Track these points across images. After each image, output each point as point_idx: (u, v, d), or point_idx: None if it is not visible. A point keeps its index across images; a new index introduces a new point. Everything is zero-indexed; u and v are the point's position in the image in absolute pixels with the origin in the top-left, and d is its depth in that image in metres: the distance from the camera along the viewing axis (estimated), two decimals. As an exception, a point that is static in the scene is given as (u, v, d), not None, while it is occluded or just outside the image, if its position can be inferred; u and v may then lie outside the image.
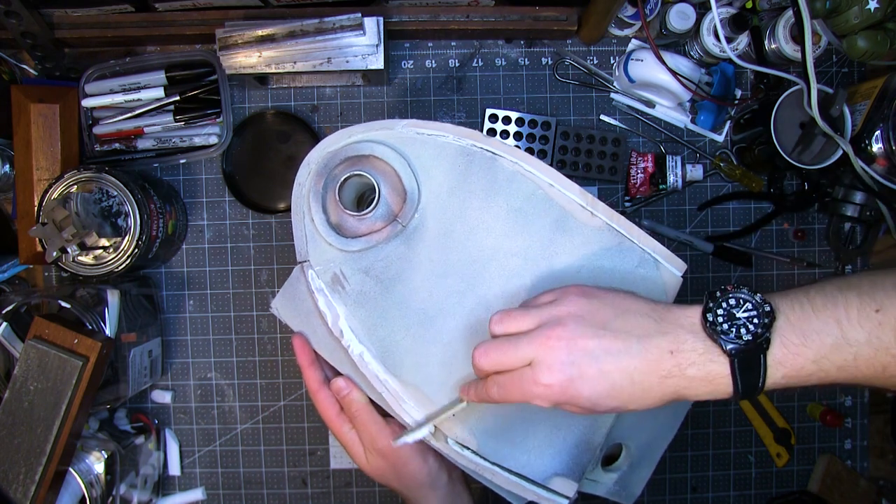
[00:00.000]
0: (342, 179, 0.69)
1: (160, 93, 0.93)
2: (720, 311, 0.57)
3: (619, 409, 0.59)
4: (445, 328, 0.70)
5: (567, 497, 0.69)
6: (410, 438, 0.68)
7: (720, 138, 0.98)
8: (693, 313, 0.58)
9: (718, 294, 0.58)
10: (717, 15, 0.88)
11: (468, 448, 0.69)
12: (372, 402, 0.72)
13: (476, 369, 0.62)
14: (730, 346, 0.55)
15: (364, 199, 0.76)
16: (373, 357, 0.70)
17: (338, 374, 0.72)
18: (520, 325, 0.60)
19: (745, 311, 0.56)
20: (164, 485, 0.98)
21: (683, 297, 0.94)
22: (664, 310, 0.59)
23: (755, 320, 0.56)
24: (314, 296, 0.71)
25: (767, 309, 0.56)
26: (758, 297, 0.57)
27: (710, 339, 0.56)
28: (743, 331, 0.55)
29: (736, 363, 0.56)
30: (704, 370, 0.56)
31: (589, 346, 0.57)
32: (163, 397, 0.98)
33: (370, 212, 0.69)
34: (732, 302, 0.57)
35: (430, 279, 0.70)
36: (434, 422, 0.68)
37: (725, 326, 0.56)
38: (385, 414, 0.72)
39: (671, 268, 0.71)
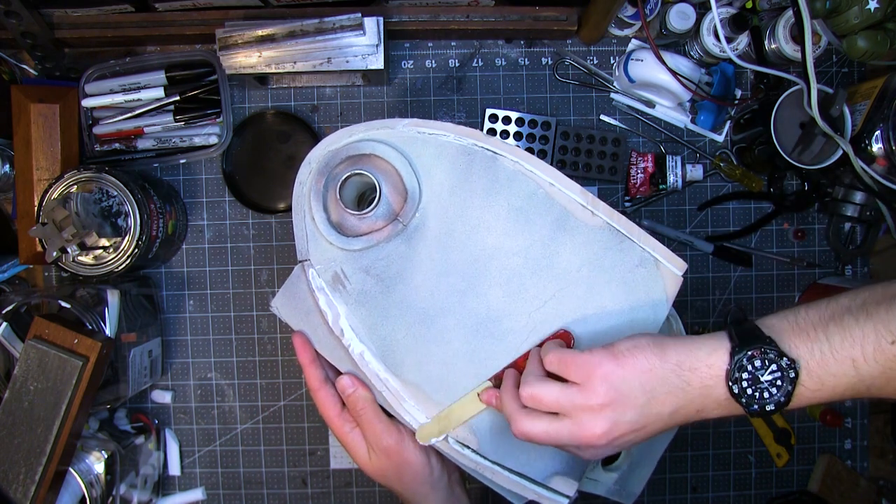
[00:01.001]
0: (343, 178, 0.69)
1: (160, 93, 0.93)
2: (745, 376, 0.57)
3: None
4: (446, 327, 0.70)
5: (567, 496, 0.69)
6: (437, 437, 0.70)
7: (720, 138, 0.98)
8: (718, 371, 0.58)
9: (745, 360, 0.57)
10: (717, 15, 0.88)
11: (468, 447, 0.69)
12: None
13: (516, 427, 0.63)
14: (751, 411, 0.58)
15: (365, 198, 0.76)
16: (373, 356, 0.70)
17: (338, 373, 0.72)
18: (546, 407, 0.61)
19: (769, 374, 0.57)
20: (164, 485, 0.98)
21: (683, 296, 0.94)
22: (690, 371, 0.59)
23: (779, 383, 0.57)
24: (315, 295, 0.71)
25: (792, 375, 0.57)
26: (784, 361, 0.57)
27: (734, 401, 0.58)
28: (766, 395, 0.57)
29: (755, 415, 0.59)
30: (724, 415, 0.60)
31: (627, 437, 0.60)
32: (163, 397, 0.98)
33: (371, 211, 0.69)
34: (758, 364, 0.57)
35: (430, 278, 0.70)
36: (455, 423, 0.69)
37: (749, 392, 0.57)
38: (387, 413, 0.72)
39: (671, 267, 0.71)
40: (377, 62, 0.87)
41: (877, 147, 0.85)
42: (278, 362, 0.99)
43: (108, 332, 0.83)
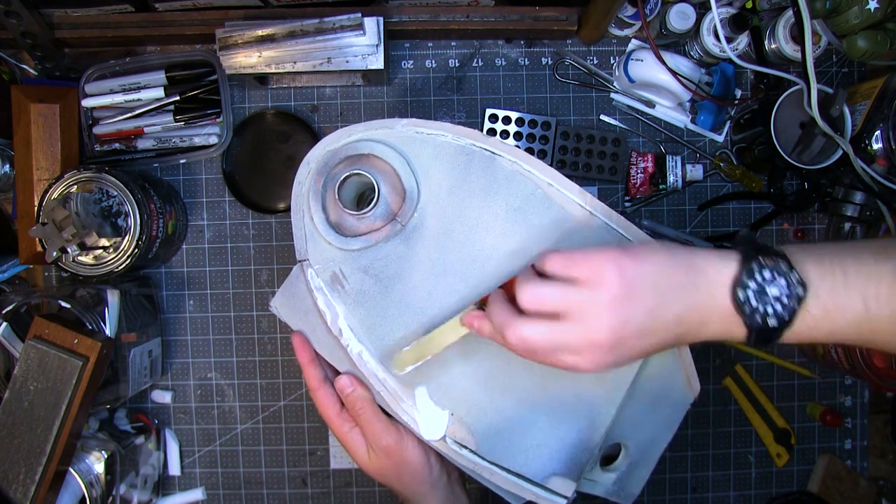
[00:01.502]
0: (342, 178, 0.69)
1: (160, 93, 0.93)
2: (752, 286, 0.55)
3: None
4: None
5: (565, 497, 0.69)
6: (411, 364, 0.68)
7: (720, 138, 0.98)
8: (726, 278, 0.56)
9: (755, 265, 0.56)
10: (717, 15, 0.88)
11: (466, 447, 0.69)
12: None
13: (508, 338, 0.59)
14: (753, 326, 0.56)
15: (364, 198, 0.76)
16: (371, 356, 0.70)
17: (337, 373, 0.72)
18: (552, 308, 0.58)
19: (777, 288, 0.55)
20: (164, 485, 0.98)
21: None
22: (699, 274, 0.57)
23: (784, 300, 0.55)
24: (313, 294, 0.71)
25: (799, 293, 0.55)
26: (794, 275, 0.55)
27: (736, 312, 0.56)
28: (769, 310, 0.55)
29: (753, 334, 0.56)
30: (724, 335, 0.58)
31: (632, 341, 0.57)
32: (163, 397, 0.98)
33: (369, 211, 0.69)
34: (767, 275, 0.55)
35: (429, 278, 0.70)
36: (439, 349, 0.68)
37: (753, 304, 0.55)
38: (386, 413, 0.72)
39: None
40: (377, 62, 0.87)
41: (877, 147, 0.85)
42: (278, 362, 0.99)
43: (108, 332, 0.83)
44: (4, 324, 0.83)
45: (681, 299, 0.56)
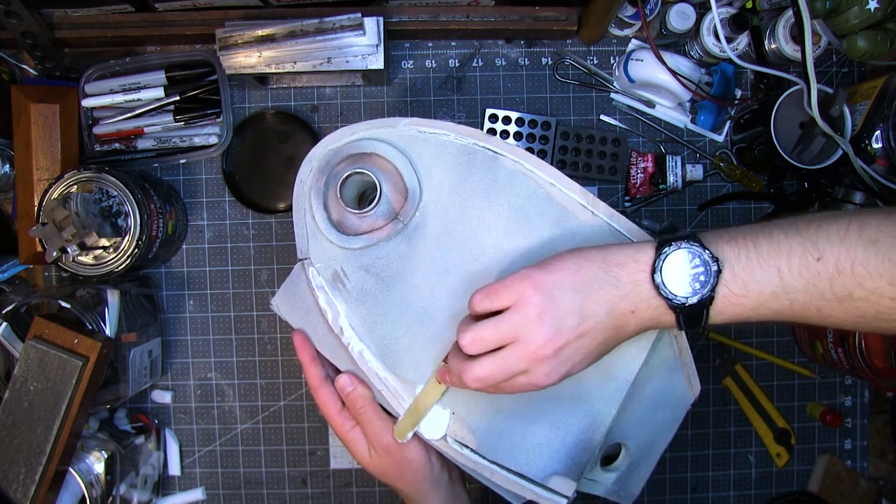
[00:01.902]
0: (344, 177, 0.69)
1: (160, 93, 0.93)
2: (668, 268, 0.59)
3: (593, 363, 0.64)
4: (446, 327, 0.70)
5: (566, 496, 0.69)
6: (410, 430, 0.70)
7: (720, 138, 0.98)
8: (644, 266, 0.60)
9: (668, 248, 0.59)
10: (717, 15, 0.88)
11: (467, 447, 0.69)
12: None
13: (467, 383, 0.63)
14: (676, 306, 0.59)
15: (365, 196, 0.76)
16: (372, 355, 0.70)
17: (338, 371, 0.72)
18: (495, 344, 0.61)
19: (693, 268, 0.58)
20: (164, 485, 0.98)
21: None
22: (617, 267, 0.60)
23: (702, 278, 0.58)
24: (315, 293, 0.71)
25: (715, 268, 0.58)
26: (707, 253, 0.58)
27: (659, 296, 0.59)
28: (689, 290, 0.58)
29: (681, 316, 0.60)
30: (657, 321, 0.61)
31: (572, 345, 0.60)
32: (163, 397, 0.98)
33: (371, 209, 0.69)
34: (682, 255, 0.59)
35: (430, 277, 0.70)
36: (427, 410, 0.69)
37: (673, 286, 0.59)
38: (387, 411, 0.72)
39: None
40: (377, 62, 0.87)
41: (877, 147, 0.85)
42: (278, 362, 0.99)
43: (108, 332, 0.83)
44: (4, 324, 0.83)
45: (604, 293, 0.60)
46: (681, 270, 0.59)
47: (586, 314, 0.60)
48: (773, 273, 0.57)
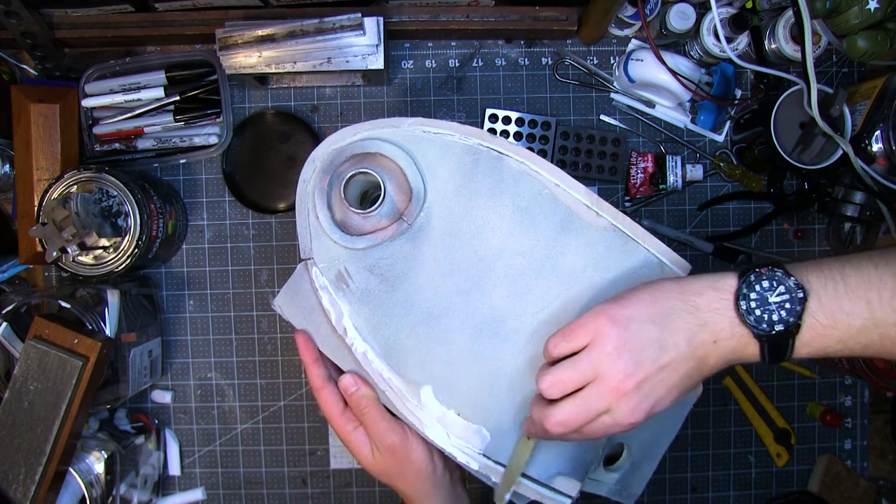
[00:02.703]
0: (347, 177, 0.68)
1: (160, 93, 0.93)
2: (753, 296, 0.58)
3: (680, 399, 0.62)
4: (450, 327, 0.70)
5: (570, 496, 0.69)
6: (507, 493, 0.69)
7: (720, 138, 0.98)
8: (726, 294, 0.59)
9: (753, 277, 0.58)
10: (717, 15, 0.88)
11: (472, 447, 0.69)
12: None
13: (549, 430, 0.62)
14: (762, 335, 0.57)
15: (369, 196, 0.76)
16: (376, 355, 0.70)
17: (341, 372, 0.72)
18: (573, 382, 0.60)
19: (778, 295, 0.57)
20: (164, 485, 0.98)
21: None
22: (695, 296, 0.59)
23: (787, 305, 0.57)
24: (318, 293, 0.71)
25: (801, 296, 0.57)
26: (792, 280, 0.57)
27: (742, 324, 0.58)
28: (775, 317, 0.57)
29: (766, 346, 0.58)
30: (739, 353, 0.59)
31: (654, 377, 0.59)
32: (163, 397, 0.97)
33: (375, 210, 0.69)
34: (766, 284, 0.58)
35: (435, 278, 0.70)
36: (521, 469, 0.69)
37: (758, 313, 0.57)
38: (391, 412, 0.72)
39: (675, 269, 0.71)
40: (377, 62, 0.87)
41: (877, 147, 0.85)
42: (278, 362, 0.99)
43: (108, 332, 0.83)
44: (4, 324, 0.83)
45: (683, 323, 0.59)
46: (765, 298, 0.57)
47: (666, 345, 0.58)
48: (863, 305, 0.56)
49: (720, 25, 0.88)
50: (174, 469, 0.98)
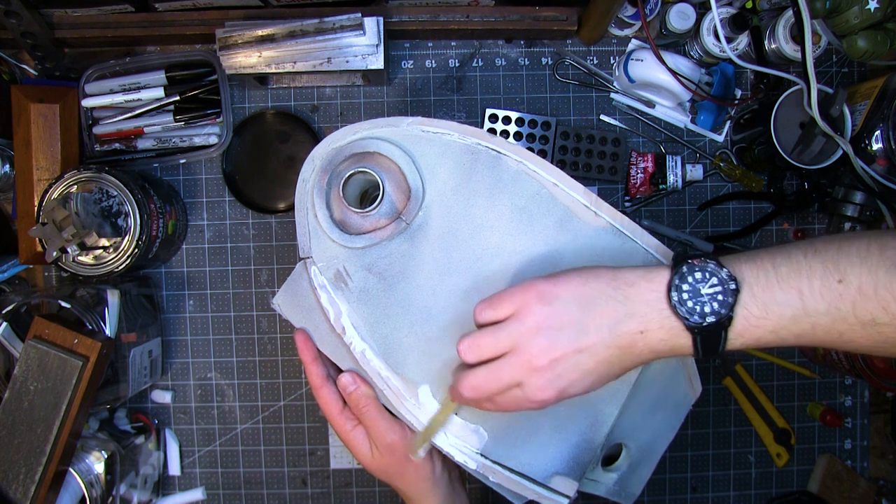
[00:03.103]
0: (346, 176, 0.68)
1: (160, 93, 0.93)
2: (685, 287, 0.57)
3: (599, 386, 0.61)
4: (448, 326, 0.70)
5: (567, 496, 0.69)
6: (423, 446, 0.69)
7: (720, 138, 0.98)
8: (658, 286, 0.58)
9: (685, 268, 0.58)
10: (717, 15, 0.88)
11: (470, 446, 0.69)
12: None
13: (461, 392, 0.62)
14: (693, 326, 0.57)
15: (368, 195, 0.76)
16: (375, 354, 0.70)
17: (340, 371, 0.72)
18: (490, 350, 0.60)
19: (710, 287, 0.57)
20: (164, 485, 0.98)
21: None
22: (627, 286, 0.59)
23: (720, 297, 0.56)
24: (317, 292, 0.71)
25: (733, 287, 0.56)
26: (724, 272, 0.57)
27: (674, 315, 0.57)
28: (707, 309, 0.56)
29: (698, 339, 0.58)
30: (670, 344, 0.59)
31: (569, 358, 0.59)
32: (163, 397, 0.98)
33: (374, 209, 0.69)
34: (699, 276, 0.57)
35: (433, 277, 0.70)
36: (440, 426, 0.69)
37: (690, 304, 0.57)
38: (389, 411, 0.72)
39: (673, 268, 0.71)
40: (377, 62, 0.87)
41: (877, 147, 0.85)
42: (278, 362, 0.99)
43: (108, 332, 0.83)
44: (4, 324, 0.83)
45: (610, 309, 0.58)
46: (697, 290, 0.57)
47: (587, 329, 0.58)
48: (794, 294, 0.55)
49: (720, 25, 0.88)
50: (174, 469, 0.98)
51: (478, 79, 0.99)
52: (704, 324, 0.56)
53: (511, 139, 0.96)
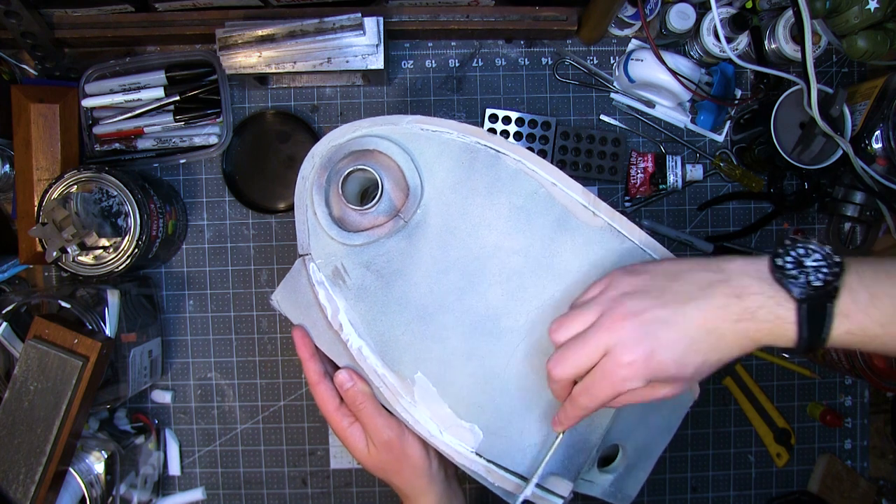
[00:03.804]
0: (345, 173, 0.69)
1: (160, 93, 0.93)
2: (788, 259, 0.56)
3: (705, 363, 0.58)
4: (445, 324, 0.70)
5: (563, 497, 0.69)
6: (528, 492, 0.69)
7: (720, 138, 0.98)
8: (757, 262, 0.57)
9: (787, 242, 0.57)
10: (717, 15, 0.88)
11: (465, 445, 0.69)
12: None
13: (555, 382, 0.62)
14: (797, 291, 0.55)
15: (367, 193, 0.76)
16: (371, 351, 0.70)
17: (337, 368, 0.72)
18: (579, 324, 0.60)
19: (813, 261, 0.55)
20: (164, 485, 0.98)
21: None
22: (723, 261, 0.58)
23: (824, 269, 0.55)
24: (315, 289, 0.71)
25: (837, 260, 0.55)
26: (827, 248, 0.56)
27: (777, 283, 0.56)
28: (812, 277, 0.54)
29: (804, 309, 0.55)
30: (773, 314, 0.55)
31: (657, 314, 0.57)
32: (163, 397, 0.98)
33: (373, 206, 0.69)
34: (801, 251, 0.56)
35: (430, 275, 0.70)
36: (540, 468, 0.69)
37: (795, 272, 0.55)
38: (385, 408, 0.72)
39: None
40: (377, 62, 0.87)
41: (877, 147, 0.85)
42: (278, 362, 0.99)
43: (108, 332, 0.83)
44: (4, 324, 0.83)
45: (703, 277, 0.57)
46: (801, 262, 0.55)
47: (677, 291, 0.57)
48: None
49: (720, 25, 0.88)
50: (174, 469, 0.98)
51: (478, 79, 0.99)
52: (810, 290, 0.54)
53: (511, 139, 0.96)
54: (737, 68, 0.93)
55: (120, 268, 0.84)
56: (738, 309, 0.56)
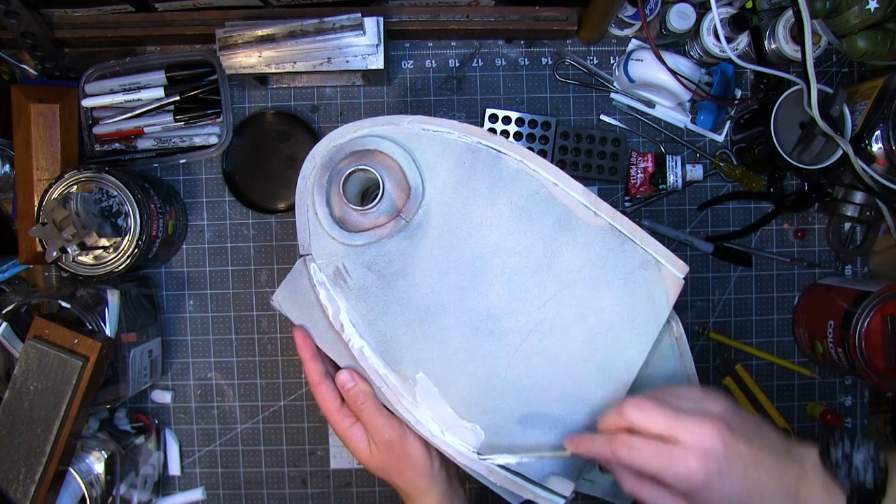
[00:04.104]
0: (346, 174, 0.69)
1: (160, 93, 0.93)
2: (839, 453, 0.60)
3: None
4: (446, 325, 0.70)
5: (564, 496, 0.69)
6: (501, 460, 0.69)
7: (720, 138, 0.98)
8: (814, 451, 0.61)
9: (836, 437, 0.61)
10: (717, 15, 0.88)
11: (466, 445, 0.69)
12: None
13: (613, 425, 0.63)
14: (849, 487, 0.59)
15: (368, 193, 0.76)
16: (373, 352, 0.70)
17: (338, 368, 0.72)
18: (664, 421, 0.60)
19: (861, 454, 0.60)
20: (164, 485, 0.98)
21: (683, 296, 0.94)
22: (789, 442, 0.62)
23: (871, 465, 0.59)
24: (316, 289, 0.71)
25: (882, 456, 0.60)
26: (872, 444, 0.60)
27: (829, 476, 0.60)
28: (861, 473, 0.59)
29: (855, 501, 0.60)
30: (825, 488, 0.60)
31: (742, 450, 0.59)
32: (163, 397, 0.98)
33: (374, 206, 0.69)
34: (848, 447, 0.60)
35: (431, 275, 0.70)
36: (525, 457, 0.69)
37: (843, 469, 0.60)
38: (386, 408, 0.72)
39: (673, 269, 0.71)
40: (377, 62, 0.87)
41: (877, 147, 0.85)
42: (278, 362, 0.99)
43: (108, 332, 0.83)
44: (4, 324, 0.83)
45: (775, 457, 0.60)
46: (850, 459, 0.60)
47: (760, 444, 0.60)
48: None
49: (720, 25, 0.88)
50: (174, 469, 0.98)
51: (478, 79, 0.98)
52: (860, 487, 0.59)
53: (511, 139, 0.96)
54: (737, 68, 0.93)
55: (120, 268, 0.84)
56: (795, 490, 0.60)
